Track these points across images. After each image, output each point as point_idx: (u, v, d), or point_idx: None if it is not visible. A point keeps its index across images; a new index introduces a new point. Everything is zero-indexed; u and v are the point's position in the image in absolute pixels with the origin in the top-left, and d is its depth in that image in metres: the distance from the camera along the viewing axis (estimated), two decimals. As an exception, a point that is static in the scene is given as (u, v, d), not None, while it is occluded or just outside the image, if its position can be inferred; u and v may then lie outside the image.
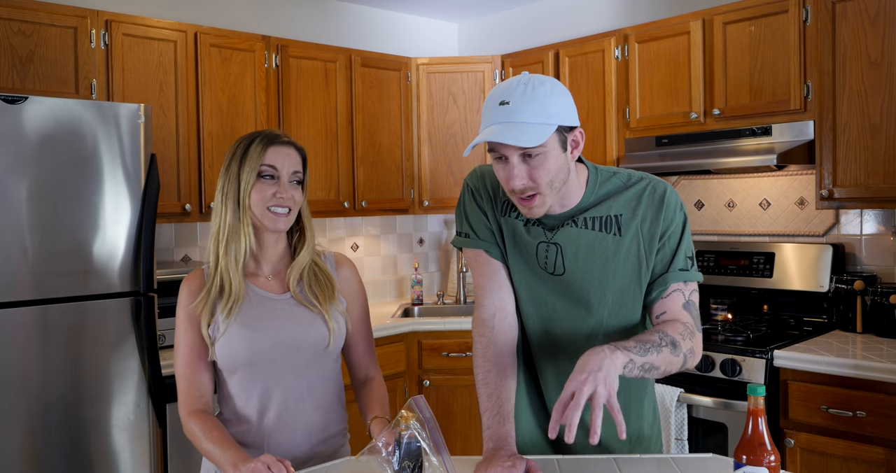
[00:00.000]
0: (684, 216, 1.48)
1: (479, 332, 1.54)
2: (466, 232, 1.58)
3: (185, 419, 1.56)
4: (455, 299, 4.09)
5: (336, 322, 1.63)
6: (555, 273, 1.48)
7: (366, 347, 1.74)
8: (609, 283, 1.47)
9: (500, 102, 1.33)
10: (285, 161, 1.59)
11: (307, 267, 1.65)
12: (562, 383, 1.56)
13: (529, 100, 1.32)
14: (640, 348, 1.30)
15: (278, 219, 1.57)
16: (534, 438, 1.60)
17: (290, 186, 1.59)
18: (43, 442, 2.29)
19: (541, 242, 1.48)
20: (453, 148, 3.85)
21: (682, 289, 1.46)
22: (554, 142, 1.35)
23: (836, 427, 2.40)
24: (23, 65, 2.62)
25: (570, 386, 1.19)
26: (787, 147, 2.77)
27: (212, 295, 1.57)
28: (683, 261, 1.46)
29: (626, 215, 1.46)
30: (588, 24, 3.86)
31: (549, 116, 1.32)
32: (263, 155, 1.57)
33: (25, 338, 2.26)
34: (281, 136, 1.62)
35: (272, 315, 1.59)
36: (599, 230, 1.46)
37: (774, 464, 1.16)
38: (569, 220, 1.47)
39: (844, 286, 2.83)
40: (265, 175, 1.57)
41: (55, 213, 2.32)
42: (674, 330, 1.39)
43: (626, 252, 1.45)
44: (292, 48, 3.38)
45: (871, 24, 2.61)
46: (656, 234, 1.45)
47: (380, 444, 1.35)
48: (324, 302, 1.62)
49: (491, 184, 1.56)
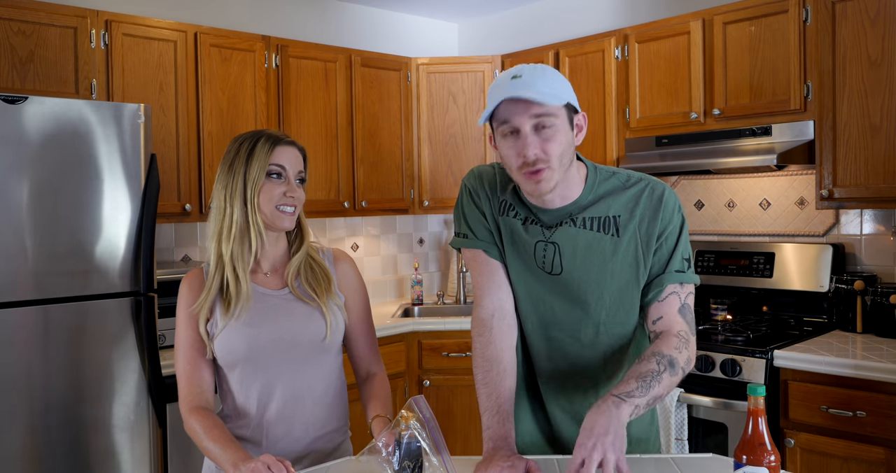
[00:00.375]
0: (682, 218, 1.48)
1: (478, 332, 1.54)
2: (465, 232, 1.58)
3: (185, 416, 1.57)
4: (455, 299, 4.09)
5: (333, 315, 1.63)
6: (552, 272, 1.49)
7: (367, 342, 1.74)
8: (607, 284, 1.47)
9: (511, 77, 1.37)
10: (292, 160, 1.61)
11: (303, 263, 1.66)
12: (560, 384, 1.57)
13: (541, 75, 1.37)
14: (643, 387, 1.30)
15: (286, 217, 1.59)
16: (533, 438, 1.61)
17: (296, 185, 1.62)
18: (43, 442, 2.29)
19: (539, 241, 1.49)
20: (453, 148, 3.85)
21: (679, 292, 1.46)
22: (564, 116, 1.39)
23: (836, 427, 2.40)
24: (23, 65, 2.62)
25: (580, 452, 1.19)
26: (787, 147, 2.77)
27: (212, 293, 1.58)
28: (680, 263, 1.46)
29: (624, 216, 1.46)
30: (588, 24, 3.86)
31: (559, 90, 1.37)
32: (271, 154, 1.58)
33: (26, 338, 2.26)
34: (284, 136, 1.64)
35: (270, 310, 1.60)
36: (597, 230, 1.46)
37: (774, 464, 1.16)
38: (567, 220, 1.47)
39: (844, 286, 2.83)
40: (274, 174, 1.58)
41: (55, 213, 2.32)
42: (668, 345, 1.40)
43: (624, 252, 1.45)
44: (292, 48, 3.38)
45: (871, 24, 2.61)
46: (654, 235, 1.45)
47: (380, 444, 1.35)
48: (321, 295, 1.63)
49: (489, 184, 1.56)
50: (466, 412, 3.43)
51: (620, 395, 1.28)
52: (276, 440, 1.60)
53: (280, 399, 1.60)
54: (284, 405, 1.60)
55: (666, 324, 1.45)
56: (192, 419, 1.55)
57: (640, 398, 1.29)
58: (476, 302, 1.57)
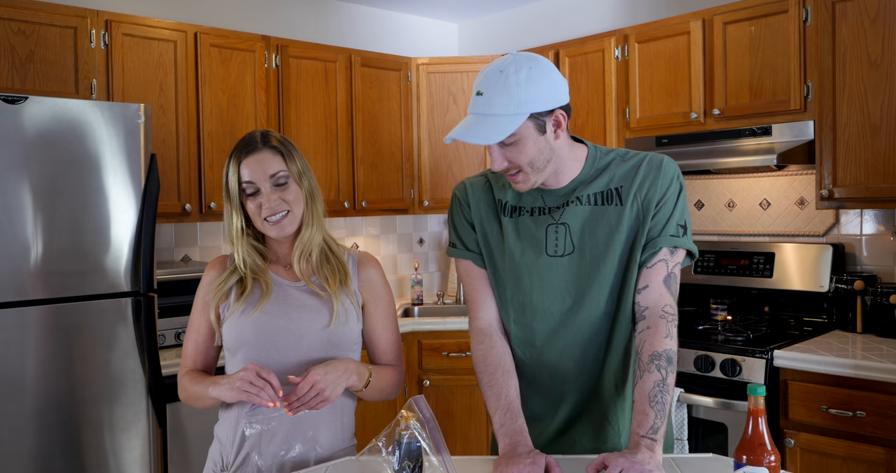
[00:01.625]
0: (680, 185, 1.51)
1: (478, 341, 1.56)
2: (454, 242, 1.63)
3: (180, 378, 1.64)
4: (455, 299, 4.10)
5: (343, 306, 1.62)
6: (564, 254, 1.50)
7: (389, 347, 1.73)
8: (614, 252, 1.49)
9: (476, 92, 1.41)
10: (257, 171, 1.57)
11: (318, 251, 1.65)
12: (558, 384, 1.57)
13: (501, 91, 1.37)
14: (659, 411, 1.35)
15: (275, 227, 1.59)
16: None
17: (273, 192, 1.58)
18: (43, 443, 2.29)
19: (549, 225, 1.52)
20: (453, 148, 3.85)
21: (668, 260, 1.48)
22: (528, 129, 1.40)
23: (836, 427, 2.40)
24: (23, 65, 2.62)
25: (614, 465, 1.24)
26: (787, 147, 2.77)
27: (229, 282, 1.62)
28: (675, 229, 1.48)
29: (625, 185, 1.50)
30: (588, 24, 3.86)
31: (520, 105, 1.37)
32: (238, 172, 1.59)
33: (26, 338, 2.26)
34: (252, 144, 1.60)
35: (282, 300, 1.61)
36: (602, 204, 1.50)
37: (774, 464, 1.16)
38: (572, 199, 1.51)
39: (844, 286, 2.83)
40: (246, 192, 1.59)
41: (55, 213, 2.32)
42: (658, 337, 1.43)
43: (628, 219, 1.49)
44: (292, 48, 3.38)
45: (871, 24, 2.61)
46: (653, 200, 1.48)
47: (380, 444, 1.35)
48: (332, 286, 1.62)
49: (481, 191, 1.60)
50: (466, 412, 3.43)
51: (648, 435, 1.31)
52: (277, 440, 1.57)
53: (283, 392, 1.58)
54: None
55: (651, 298, 1.47)
56: (184, 379, 1.62)
57: (661, 420, 1.34)
58: (472, 315, 1.60)
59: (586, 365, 1.54)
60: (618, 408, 1.56)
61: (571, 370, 1.54)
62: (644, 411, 1.35)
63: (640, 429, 1.33)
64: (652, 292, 1.47)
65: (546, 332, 1.54)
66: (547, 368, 1.56)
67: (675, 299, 1.49)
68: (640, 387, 1.39)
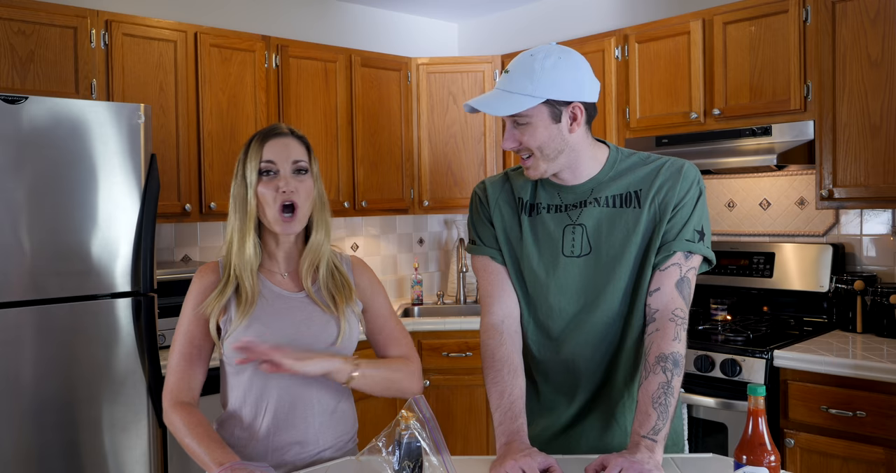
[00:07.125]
0: (700, 191, 1.51)
1: (488, 336, 1.56)
2: (473, 238, 1.64)
3: (168, 409, 1.53)
4: (455, 299, 4.09)
5: (349, 323, 1.61)
6: (580, 254, 1.51)
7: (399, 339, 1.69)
8: (630, 254, 1.49)
9: (505, 70, 1.47)
10: (282, 152, 1.56)
11: (325, 268, 1.62)
12: (559, 383, 1.57)
13: (524, 72, 1.43)
14: (662, 413, 1.35)
15: (286, 223, 1.55)
16: (532, 437, 1.61)
17: (292, 177, 1.56)
18: (42, 443, 2.29)
19: (567, 226, 1.53)
20: (453, 148, 3.85)
21: (681, 264, 1.48)
22: (541, 113, 1.43)
23: (836, 427, 2.40)
24: (23, 65, 2.62)
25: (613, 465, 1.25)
26: (787, 147, 2.77)
27: (226, 294, 1.55)
28: (692, 234, 1.48)
29: (644, 188, 1.50)
30: (588, 24, 3.86)
31: (537, 88, 1.41)
32: (261, 151, 1.56)
33: (25, 338, 2.26)
34: (278, 128, 1.60)
35: (286, 313, 1.58)
36: (620, 206, 1.51)
37: (774, 464, 1.16)
38: (591, 200, 1.52)
39: (844, 286, 2.83)
40: (264, 171, 1.55)
41: (55, 213, 2.32)
42: (667, 339, 1.43)
43: (645, 222, 1.49)
44: (292, 48, 3.38)
45: (871, 24, 2.61)
46: (670, 203, 1.48)
47: (380, 444, 1.35)
48: (340, 304, 1.60)
49: (500, 190, 1.62)
50: (466, 412, 3.43)
51: (648, 436, 1.32)
52: (279, 447, 1.56)
53: (288, 405, 1.56)
54: (292, 411, 1.57)
55: (662, 300, 1.47)
56: (174, 414, 1.51)
57: (663, 421, 1.34)
58: (485, 309, 1.60)
59: (598, 364, 1.55)
60: (626, 408, 1.57)
61: (583, 368, 1.55)
62: (646, 411, 1.35)
63: (641, 429, 1.33)
64: (663, 295, 1.47)
65: (560, 330, 1.55)
66: (561, 364, 1.57)
67: (686, 304, 1.48)
68: (644, 388, 1.39)
